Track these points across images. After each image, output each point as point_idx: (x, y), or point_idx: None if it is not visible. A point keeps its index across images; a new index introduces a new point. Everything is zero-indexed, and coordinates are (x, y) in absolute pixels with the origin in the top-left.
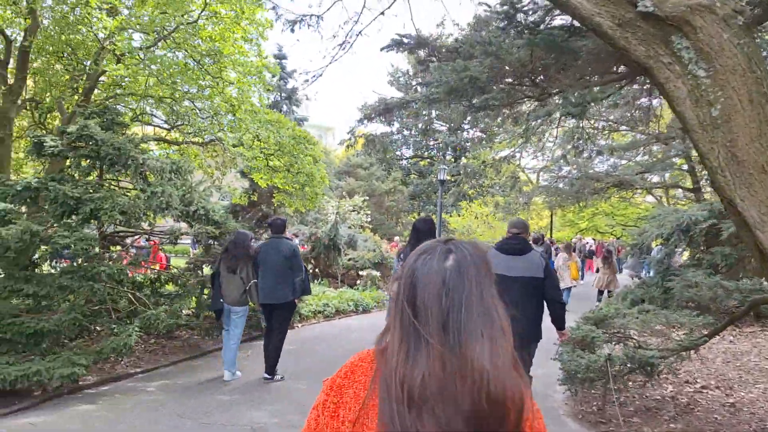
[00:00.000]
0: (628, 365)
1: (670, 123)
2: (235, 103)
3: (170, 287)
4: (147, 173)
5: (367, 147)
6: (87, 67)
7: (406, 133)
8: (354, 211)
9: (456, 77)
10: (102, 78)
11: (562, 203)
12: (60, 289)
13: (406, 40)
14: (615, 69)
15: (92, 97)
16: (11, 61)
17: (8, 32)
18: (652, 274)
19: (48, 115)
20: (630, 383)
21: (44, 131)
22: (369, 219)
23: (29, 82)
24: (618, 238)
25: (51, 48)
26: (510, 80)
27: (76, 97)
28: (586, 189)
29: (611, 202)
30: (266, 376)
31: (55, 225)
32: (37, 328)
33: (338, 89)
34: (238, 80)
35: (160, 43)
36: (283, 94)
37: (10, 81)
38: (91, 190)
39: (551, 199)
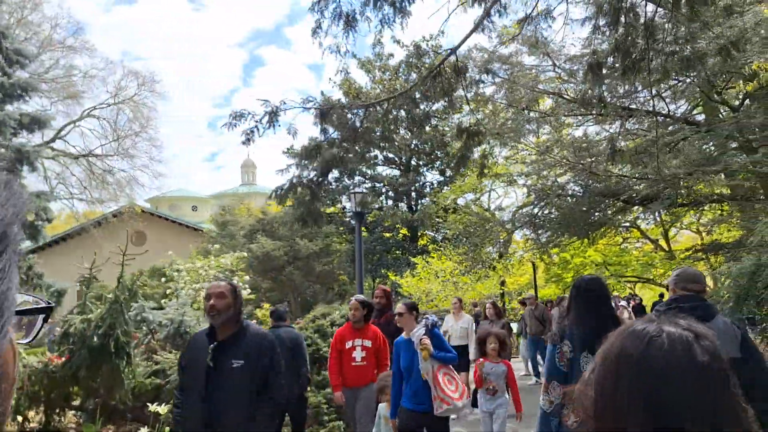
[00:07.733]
0: None
1: None
2: None
3: None
4: None
5: (294, 197)
6: None
7: (348, 182)
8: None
9: None
10: None
11: (552, 242)
12: None
13: None
14: None
15: None
16: None
17: None
18: None
19: None
20: None
21: None
22: (248, 290)
23: None
24: (635, 295)
25: None
26: None
27: None
28: (596, 210)
29: (601, 248)
30: None
31: None
32: None
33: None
34: None
35: None
36: None
37: None
38: None
39: (537, 236)
